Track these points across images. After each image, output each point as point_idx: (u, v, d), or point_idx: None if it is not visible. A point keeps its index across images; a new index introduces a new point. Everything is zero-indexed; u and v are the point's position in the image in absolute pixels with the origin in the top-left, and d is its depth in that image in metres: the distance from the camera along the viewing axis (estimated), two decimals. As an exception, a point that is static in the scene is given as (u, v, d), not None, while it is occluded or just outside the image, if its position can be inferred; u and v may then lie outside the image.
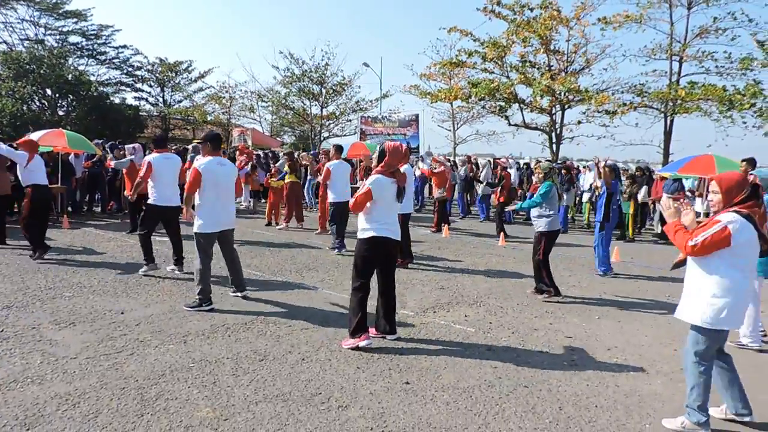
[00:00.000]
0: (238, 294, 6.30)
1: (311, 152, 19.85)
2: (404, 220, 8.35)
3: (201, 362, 4.36)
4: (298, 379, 4.12)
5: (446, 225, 12.33)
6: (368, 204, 4.85)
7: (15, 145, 8.51)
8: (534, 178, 7.22)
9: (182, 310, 5.68)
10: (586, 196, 14.70)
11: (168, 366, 4.26)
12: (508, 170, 14.36)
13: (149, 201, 7.19)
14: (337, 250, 9.31)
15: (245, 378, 4.10)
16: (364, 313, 4.83)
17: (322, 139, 30.79)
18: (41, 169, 8.08)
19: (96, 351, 4.50)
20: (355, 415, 3.60)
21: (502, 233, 11.54)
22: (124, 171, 10.30)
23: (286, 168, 12.12)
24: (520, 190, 15.23)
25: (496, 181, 13.91)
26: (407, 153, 5.11)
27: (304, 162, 14.75)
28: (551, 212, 6.89)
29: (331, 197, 9.48)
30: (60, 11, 32.33)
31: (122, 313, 5.54)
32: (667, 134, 20.64)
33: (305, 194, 15.73)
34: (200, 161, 5.94)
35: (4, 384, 3.81)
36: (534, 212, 7.01)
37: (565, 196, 13.12)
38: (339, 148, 10.13)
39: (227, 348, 4.69)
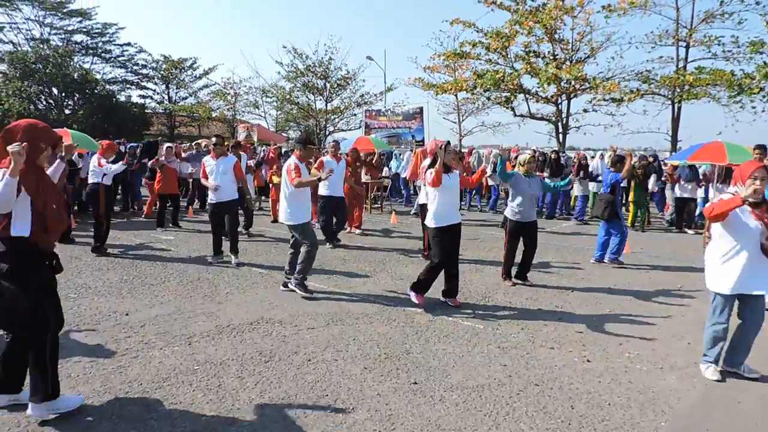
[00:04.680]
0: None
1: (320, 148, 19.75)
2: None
3: (206, 364, 4.31)
4: (304, 381, 4.05)
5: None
6: None
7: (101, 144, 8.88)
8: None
9: (187, 311, 5.63)
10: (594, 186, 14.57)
11: (172, 369, 4.20)
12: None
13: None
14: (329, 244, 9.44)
15: (250, 380, 4.04)
16: (432, 280, 6.01)
17: (327, 133, 30.69)
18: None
19: (100, 354, 4.45)
20: (363, 418, 3.53)
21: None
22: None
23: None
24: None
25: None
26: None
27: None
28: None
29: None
30: (64, 10, 32.36)
31: (127, 314, 5.49)
32: (675, 121, 20.41)
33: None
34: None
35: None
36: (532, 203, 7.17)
37: (580, 186, 13.37)
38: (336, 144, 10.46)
39: (232, 349, 4.63)
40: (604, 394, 3.99)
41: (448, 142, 6.22)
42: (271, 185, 12.58)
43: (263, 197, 15.96)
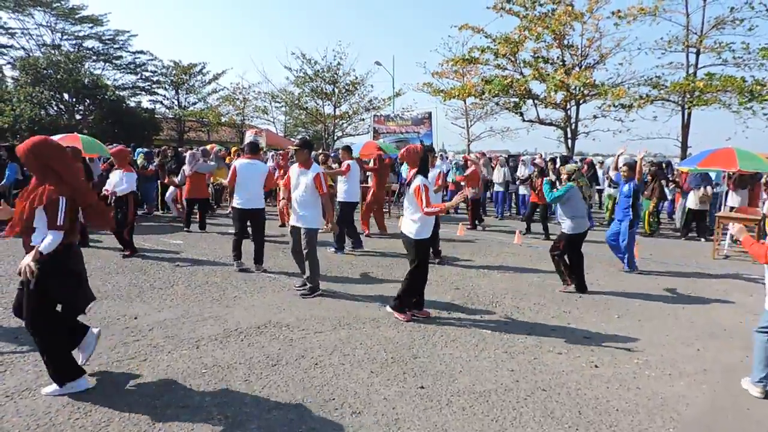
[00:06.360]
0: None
1: (332, 153, 19.84)
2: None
3: (213, 368, 4.32)
4: (311, 385, 4.06)
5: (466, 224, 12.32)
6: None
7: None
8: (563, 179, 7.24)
9: (195, 315, 5.66)
10: (607, 191, 14.42)
11: (180, 372, 4.22)
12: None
13: (233, 204, 7.77)
14: (356, 248, 9.52)
15: (258, 384, 4.05)
16: (417, 290, 5.74)
17: (335, 138, 30.78)
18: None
19: (109, 357, 4.48)
20: (369, 422, 3.53)
21: (518, 231, 11.43)
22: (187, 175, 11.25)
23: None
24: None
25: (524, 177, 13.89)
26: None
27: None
28: (573, 215, 6.96)
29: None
30: (76, 16, 32.81)
31: (136, 318, 5.53)
32: (685, 127, 20.31)
33: None
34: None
35: (17, 392, 3.81)
36: (558, 213, 7.20)
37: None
38: (348, 149, 10.51)
39: (240, 353, 4.65)
40: (612, 399, 3.97)
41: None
42: (278, 190, 12.63)
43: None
